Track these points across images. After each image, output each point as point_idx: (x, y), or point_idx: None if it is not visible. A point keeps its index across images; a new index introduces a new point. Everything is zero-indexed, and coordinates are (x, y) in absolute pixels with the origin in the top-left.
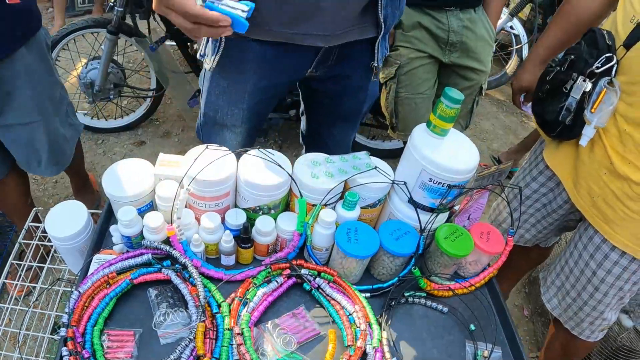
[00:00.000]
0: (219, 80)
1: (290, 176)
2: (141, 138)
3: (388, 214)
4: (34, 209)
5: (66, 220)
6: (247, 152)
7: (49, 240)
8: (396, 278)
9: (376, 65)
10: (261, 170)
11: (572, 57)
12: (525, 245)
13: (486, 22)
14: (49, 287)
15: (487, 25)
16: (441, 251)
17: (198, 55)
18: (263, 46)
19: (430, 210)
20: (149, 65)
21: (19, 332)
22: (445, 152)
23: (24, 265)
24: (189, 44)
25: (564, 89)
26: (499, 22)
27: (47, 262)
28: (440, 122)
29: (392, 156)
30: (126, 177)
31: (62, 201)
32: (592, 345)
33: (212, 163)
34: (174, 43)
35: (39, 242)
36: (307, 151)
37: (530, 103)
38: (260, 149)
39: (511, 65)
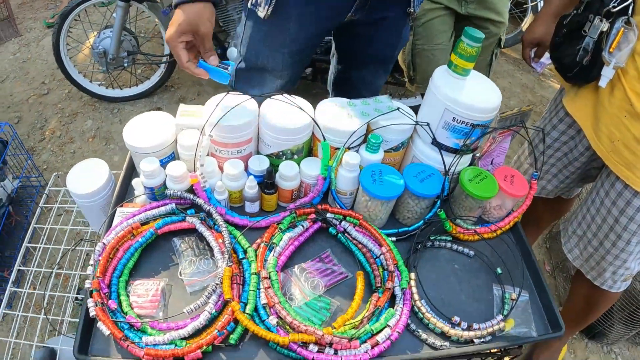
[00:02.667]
0: (261, 26)
1: (313, 119)
2: (157, 105)
3: (411, 157)
4: (54, 173)
5: (88, 178)
6: (270, 97)
7: (70, 204)
8: (422, 221)
9: (412, 10)
10: (283, 114)
11: None
12: (548, 196)
13: None
14: (73, 247)
15: None
16: (466, 194)
17: (249, 4)
18: None
19: (454, 151)
20: (162, 31)
21: (44, 294)
22: (467, 91)
23: (46, 228)
24: None
25: (582, 32)
26: None
27: (71, 224)
28: (462, 62)
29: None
30: (147, 129)
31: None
32: (614, 296)
33: (234, 108)
34: None
35: (60, 206)
36: (335, 96)
37: (540, 60)
38: (281, 94)
39: (527, 23)
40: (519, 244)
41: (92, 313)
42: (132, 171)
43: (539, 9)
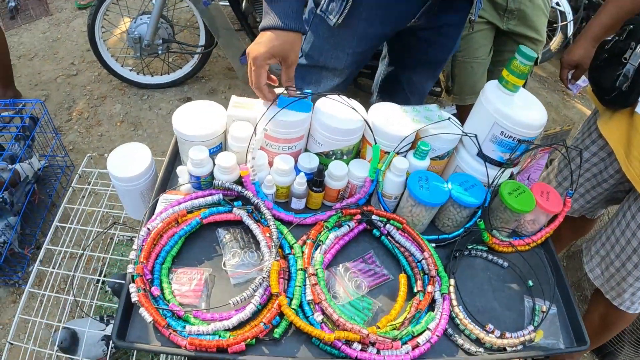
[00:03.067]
0: (329, 25)
1: (366, 122)
2: (187, 95)
3: (454, 167)
4: (87, 154)
5: (129, 162)
6: (325, 96)
7: (101, 186)
8: (462, 229)
9: (473, 19)
10: (337, 114)
11: (631, 26)
12: (572, 215)
13: None
14: (105, 230)
15: None
16: (504, 206)
17: (319, 11)
18: None
19: (498, 164)
20: (199, 21)
21: (72, 275)
22: (517, 107)
23: (78, 209)
24: (242, 2)
25: (623, 59)
26: None
27: (101, 206)
28: (513, 78)
29: None
30: (198, 118)
31: (106, 153)
32: (630, 317)
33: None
34: (227, 3)
35: (92, 187)
36: (379, 97)
37: (577, 82)
38: (336, 95)
39: (555, 42)
40: (549, 258)
41: (134, 299)
42: (175, 158)
43: (569, 30)
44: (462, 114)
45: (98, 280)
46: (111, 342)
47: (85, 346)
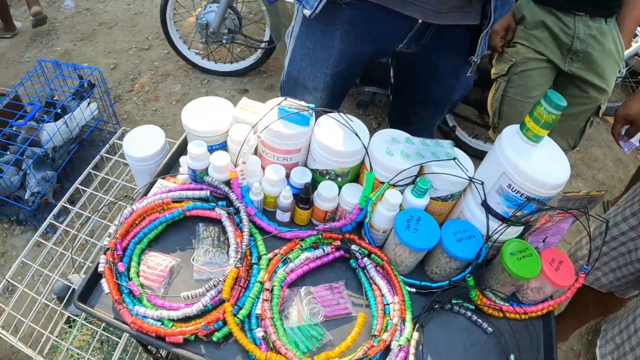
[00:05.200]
0: (305, 40)
1: (365, 147)
2: (246, 86)
3: (459, 212)
4: (122, 128)
5: (144, 143)
6: (328, 114)
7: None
8: (447, 281)
9: (475, 60)
10: (337, 134)
11: None
12: (600, 289)
13: (617, 37)
14: (117, 200)
15: (617, 41)
16: (503, 267)
17: (295, 0)
18: (355, 10)
19: (502, 219)
20: (266, 17)
21: (78, 235)
22: (533, 160)
23: (99, 176)
24: None
25: None
26: (634, 45)
27: (121, 179)
28: (535, 127)
29: None
30: (205, 113)
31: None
32: None
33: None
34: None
35: (119, 159)
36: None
37: (630, 140)
38: (341, 113)
39: None
40: (546, 336)
41: (100, 269)
42: (184, 148)
43: None
44: None
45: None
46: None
47: None
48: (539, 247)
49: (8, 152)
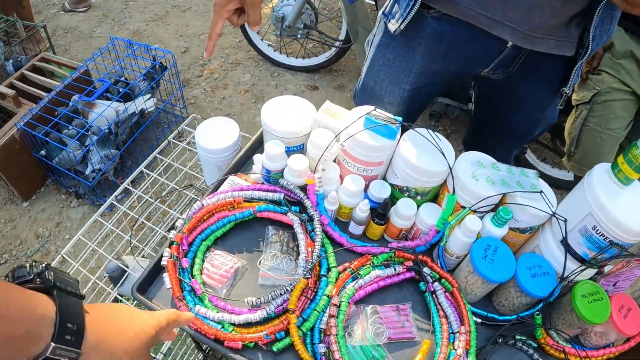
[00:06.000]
0: (385, 51)
1: (450, 169)
2: (316, 83)
3: (535, 245)
4: (192, 115)
5: (217, 134)
6: (415, 129)
7: (194, 147)
8: (515, 316)
9: (567, 92)
10: (423, 152)
11: None
12: None
13: None
14: (181, 189)
15: None
16: (572, 308)
17: (380, 13)
18: (442, 25)
19: (581, 260)
20: (343, 16)
21: (139, 219)
22: (622, 204)
23: (166, 162)
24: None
25: None
26: None
27: (187, 167)
28: (628, 169)
29: (556, 186)
30: (286, 113)
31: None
32: None
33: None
34: (373, 2)
35: (186, 146)
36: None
37: None
38: (429, 130)
39: None
40: None
41: (163, 262)
42: (259, 144)
43: None
44: None
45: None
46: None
47: (129, 284)
48: (609, 291)
49: (73, 126)
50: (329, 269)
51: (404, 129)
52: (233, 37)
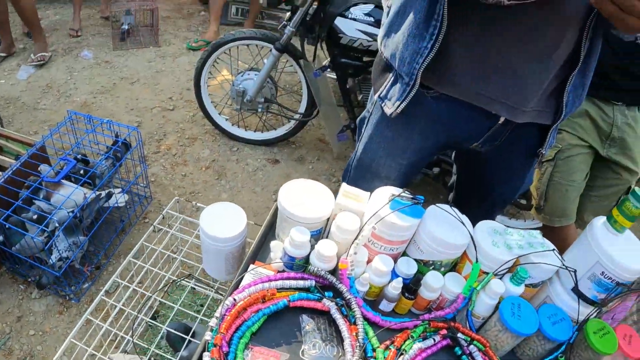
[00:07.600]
0: (384, 129)
1: (472, 239)
2: (276, 157)
3: (544, 296)
4: (175, 198)
5: (224, 221)
6: (438, 205)
7: (177, 230)
8: None
9: (544, 152)
10: (445, 226)
11: None
12: None
13: None
14: (179, 279)
15: None
16: (586, 345)
17: (376, 96)
18: (440, 105)
19: (592, 303)
20: (303, 89)
21: (137, 317)
22: (621, 249)
23: (154, 249)
24: (348, 79)
25: None
26: None
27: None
28: (622, 219)
29: None
30: (305, 197)
31: (186, 194)
32: None
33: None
34: (334, 76)
35: (174, 232)
36: None
37: None
38: (448, 205)
39: None
40: None
41: None
42: (270, 229)
43: None
44: (547, 233)
45: (154, 318)
46: None
47: None
48: (609, 324)
49: (33, 208)
50: (373, 350)
51: None
52: (186, 111)
